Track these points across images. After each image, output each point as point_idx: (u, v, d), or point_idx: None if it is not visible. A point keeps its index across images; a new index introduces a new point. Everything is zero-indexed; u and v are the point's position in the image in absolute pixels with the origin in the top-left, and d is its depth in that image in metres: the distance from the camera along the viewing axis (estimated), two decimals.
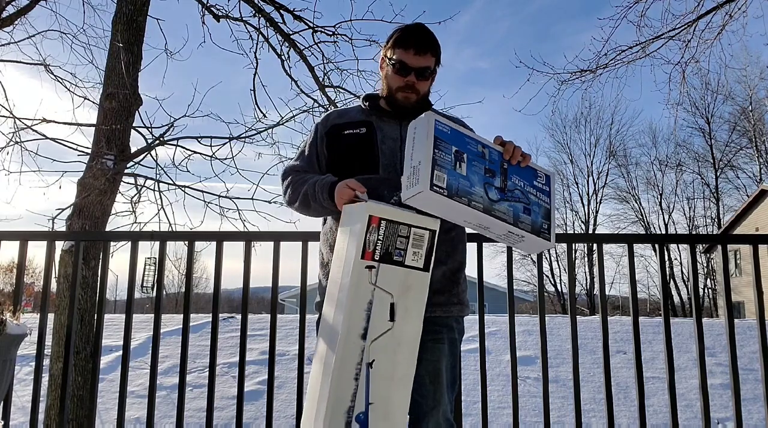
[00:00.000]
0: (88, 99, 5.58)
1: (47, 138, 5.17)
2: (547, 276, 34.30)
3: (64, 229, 4.78)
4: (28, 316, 2.20)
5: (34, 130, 5.14)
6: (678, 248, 30.71)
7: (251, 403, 8.61)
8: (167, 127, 5.31)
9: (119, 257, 4.16)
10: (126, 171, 5.15)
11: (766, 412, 2.25)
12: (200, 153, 5.52)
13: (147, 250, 10.52)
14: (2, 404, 2.18)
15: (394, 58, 1.72)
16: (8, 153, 5.27)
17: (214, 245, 2.38)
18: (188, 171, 5.54)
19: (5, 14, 5.42)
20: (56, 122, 5.14)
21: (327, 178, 1.68)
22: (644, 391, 2.28)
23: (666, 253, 3.20)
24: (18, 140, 5.16)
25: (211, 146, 5.50)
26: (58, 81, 5.68)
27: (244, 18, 5.88)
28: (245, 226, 5.64)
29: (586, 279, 33.60)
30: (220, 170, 9.80)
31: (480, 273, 2.37)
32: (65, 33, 6.03)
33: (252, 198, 5.56)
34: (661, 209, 33.81)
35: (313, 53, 6.04)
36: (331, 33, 5.93)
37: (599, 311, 2.41)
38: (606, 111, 50.04)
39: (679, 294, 32.72)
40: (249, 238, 2.44)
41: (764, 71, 28.84)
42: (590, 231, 33.67)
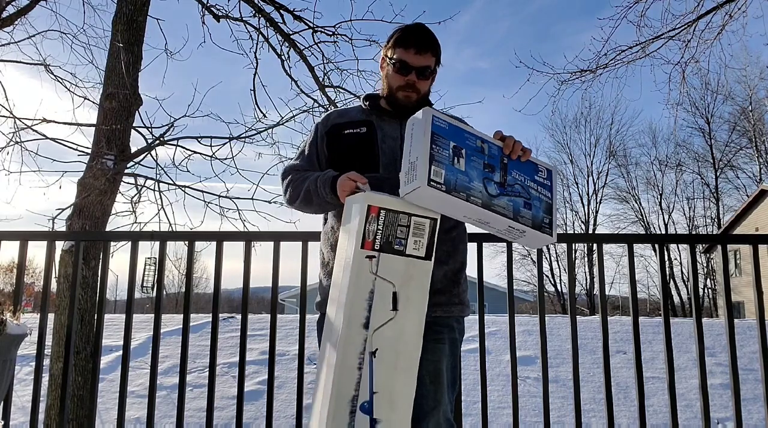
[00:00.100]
0: (88, 99, 5.59)
1: (47, 138, 5.17)
2: (547, 276, 34.28)
3: (64, 229, 4.78)
4: (28, 316, 2.20)
5: (34, 130, 5.15)
6: (678, 248, 30.72)
7: (251, 403, 8.61)
8: (167, 127, 5.32)
9: (119, 257, 4.16)
10: (126, 171, 5.15)
11: (766, 412, 2.25)
12: (200, 153, 5.52)
13: (147, 250, 10.52)
14: (2, 404, 2.17)
15: (395, 58, 1.73)
16: (8, 153, 5.29)
17: (214, 245, 2.38)
18: (188, 171, 5.55)
19: (5, 14, 5.42)
20: (56, 122, 5.14)
21: (328, 173, 1.68)
22: (644, 391, 2.28)
23: (666, 253, 3.20)
24: (18, 140, 5.17)
25: (211, 146, 5.50)
26: (58, 81, 5.69)
27: (244, 18, 5.89)
28: (245, 226, 5.65)
29: (586, 279, 33.62)
30: (220, 170, 9.84)
31: (480, 273, 2.36)
32: (65, 33, 6.04)
33: (252, 198, 5.57)
34: (661, 209, 33.86)
35: (313, 53, 6.05)
36: (331, 33, 5.93)
37: (599, 311, 2.41)
38: (606, 111, 50.21)
39: (679, 294, 32.75)
40: (249, 238, 2.44)
41: (764, 71, 28.89)
42: (590, 231, 33.67)
